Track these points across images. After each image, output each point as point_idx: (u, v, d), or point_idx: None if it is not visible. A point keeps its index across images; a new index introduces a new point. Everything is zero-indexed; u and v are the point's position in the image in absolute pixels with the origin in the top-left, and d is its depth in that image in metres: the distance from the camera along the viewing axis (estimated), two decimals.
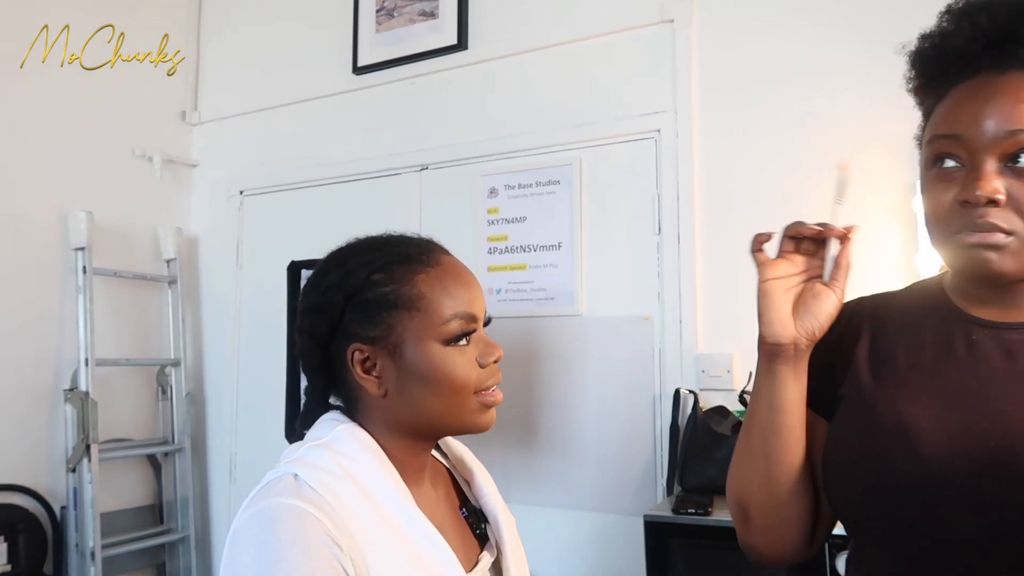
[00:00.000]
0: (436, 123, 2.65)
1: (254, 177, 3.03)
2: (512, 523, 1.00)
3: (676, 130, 2.23)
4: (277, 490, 0.78)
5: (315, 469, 0.81)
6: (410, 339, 0.85)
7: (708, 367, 2.14)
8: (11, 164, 2.57)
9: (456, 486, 1.02)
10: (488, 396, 0.89)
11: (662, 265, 2.23)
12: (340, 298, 0.86)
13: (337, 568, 0.74)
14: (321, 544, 0.74)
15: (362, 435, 0.87)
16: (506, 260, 2.47)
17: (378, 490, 0.82)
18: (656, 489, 2.18)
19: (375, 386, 0.86)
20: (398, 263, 0.87)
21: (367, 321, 0.85)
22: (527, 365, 2.39)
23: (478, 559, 0.93)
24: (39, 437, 2.60)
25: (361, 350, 0.86)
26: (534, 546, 2.33)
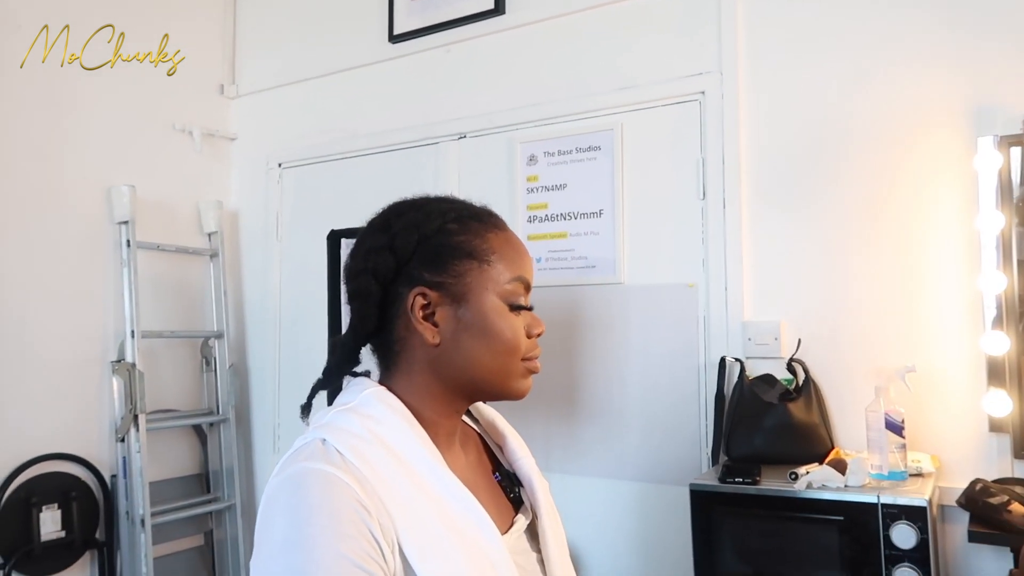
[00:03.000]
0: (474, 91, 2.61)
1: (292, 149, 3.03)
2: (546, 487, 0.99)
3: (721, 92, 2.17)
4: (305, 455, 0.77)
5: (343, 433, 0.80)
6: (475, 290, 0.85)
7: (755, 335, 2.09)
8: (55, 141, 2.60)
9: (489, 451, 1.01)
10: (532, 364, 0.90)
11: (706, 231, 2.18)
12: (413, 239, 0.85)
13: (365, 532, 0.73)
14: (349, 508, 0.73)
15: (390, 399, 0.85)
16: (546, 228, 2.43)
17: (408, 453, 0.81)
18: (701, 458, 2.14)
19: (431, 334, 0.85)
20: (472, 218, 0.88)
21: (436, 266, 0.85)
22: (569, 335, 2.36)
23: (513, 521, 0.91)
24: (89, 407, 2.65)
25: (424, 295, 0.85)
26: (577, 516, 2.33)
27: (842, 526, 1.63)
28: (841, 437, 1.97)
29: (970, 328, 1.84)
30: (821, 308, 2.02)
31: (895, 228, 1.94)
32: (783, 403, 1.94)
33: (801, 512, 1.67)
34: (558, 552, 0.93)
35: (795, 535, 1.69)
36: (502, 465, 1.00)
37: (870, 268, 1.97)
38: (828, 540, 1.65)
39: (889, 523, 1.57)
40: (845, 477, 1.66)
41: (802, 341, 2.02)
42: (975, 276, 1.82)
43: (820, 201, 2.04)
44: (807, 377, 1.98)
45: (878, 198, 1.96)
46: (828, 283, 2.02)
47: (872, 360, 1.94)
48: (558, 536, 0.96)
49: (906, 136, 1.94)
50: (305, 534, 0.71)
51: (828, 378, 2.00)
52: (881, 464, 1.69)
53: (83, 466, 2.59)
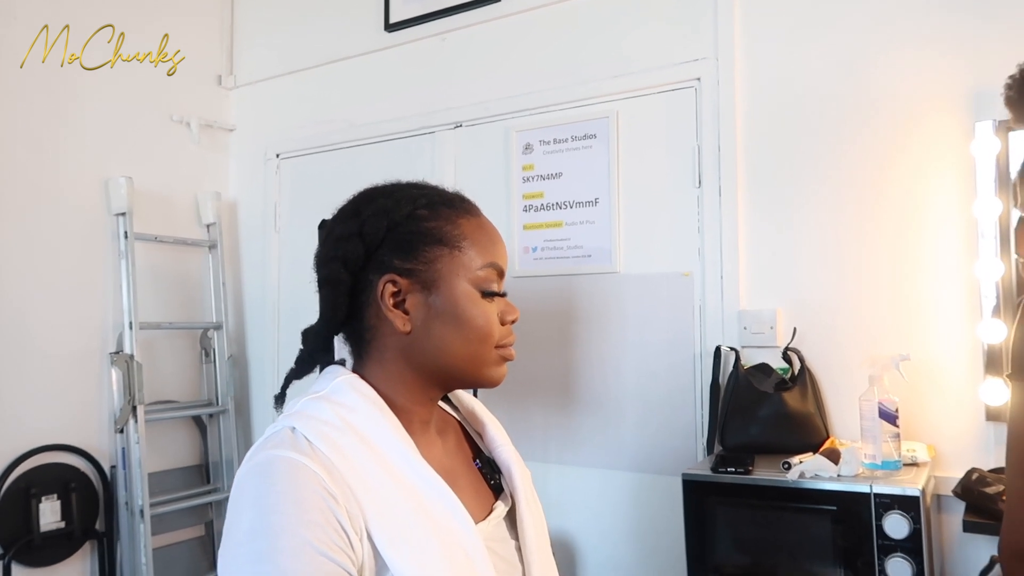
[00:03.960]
0: (469, 79, 2.60)
1: (290, 140, 3.03)
2: (527, 475, 0.99)
3: (717, 78, 2.14)
4: (273, 443, 0.77)
5: (313, 421, 0.80)
6: (446, 276, 0.84)
7: (751, 324, 2.07)
8: (52, 132, 2.60)
9: (469, 438, 1.00)
10: (507, 351, 0.89)
11: (702, 219, 2.16)
12: (383, 225, 0.85)
13: (331, 520, 0.72)
14: (315, 495, 0.72)
15: (362, 386, 0.85)
16: (542, 218, 2.42)
17: (380, 441, 0.81)
18: (696, 448, 2.13)
19: (401, 322, 0.84)
20: (443, 204, 0.87)
21: (406, 253, 0.84)
22: (564, 324, 2.35)
23: (492, 509, 0.91)
24: (88, 399, 2.66)
25: (395, 282, 0.84)
26: (572, 506, 2.32)
27: (835, 516, 1.61)
28: (837, 426, 1.95)
29: (967, 316, 1.81)
30: (817, 296, 2.00)
31: (892, 215, 1.92)
32: (778, 392, 1.93)
33: (794, 502, 1.66)
34: (537, 540, 0.93)
35: (788, 525, 1.68)
36: (483, 453, 1.00)
37: (867, 256, 1.94)
38: (821, 530, 1.64)
39: (882, 513, 1.56)
40: (838, 467, 1.65)
41: (798, 330, 2.00)
42: (973, 263, 1.79)
43: (816, 188, 2.01)
44: (803, 366, 1.97)
45: (875, 185, 1.94)
46: (824, 271, 2.00)
47: (869, 349, 1.91)
48: (537, 524, 0.95)
49: (903, 122, 1.91)
50: (270, 522, 0.71)
51: (824, 367, 1.98)
52: (875, 453, 1.67)
53: (83, 457, 2.61)
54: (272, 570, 0.69)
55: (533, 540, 0.92)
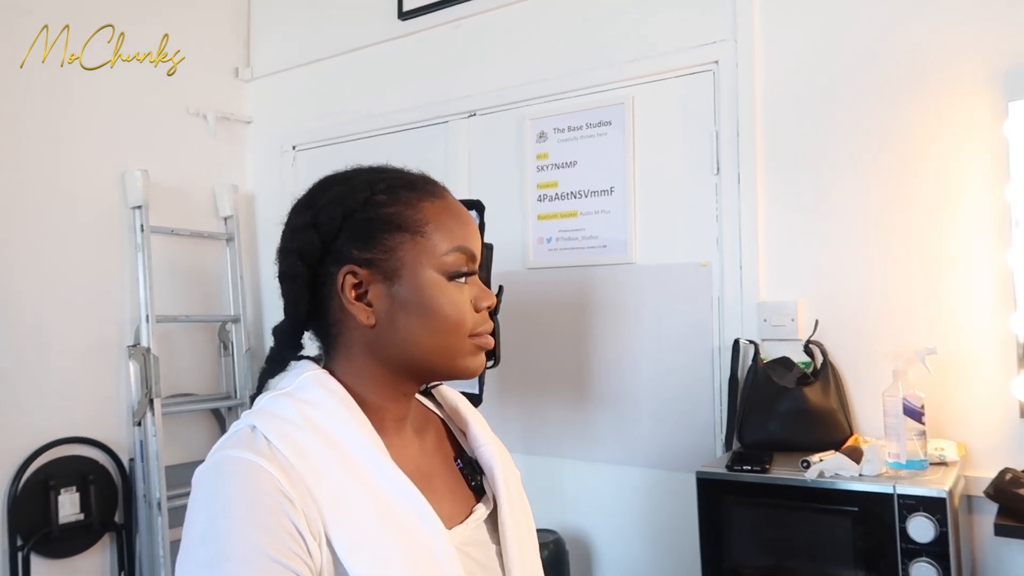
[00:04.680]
0: (483, 67, 2.54)
1: (306, 132, 3.00)
2: (514, 475, 0.93)
3: (736, 61, 2.06)
4: (231, 442, 0.73)
5: (274, 419, 0.75)
6: (409, 265, 0.79)
7: (771, 316, 1.99)
8: (69, 126, 2.60)
9: (453, 437, 0.95)
10: (482, 339, 0.83)
11: (721, 208, 2.09)
12: (338, 214, 0.79)
13: (287, 524, 0.68)
14: (270, 498, 0.68)
15: (330, 382, 0.80)
16: (556, 207, 2.36)
17: (345, 440, 0.76)
18: (715, 445, 2.06)
19: (365, 315, 0.79)
20: (404, 187, 0.81)
21: (365, 242, 0.79)
22: (579, 317, 2.29)
23: (472, 511, 0.86)
24: (107, 392, 2.67)
25: (355, 273, 0.79)
26: (588, 503, 2.27)
27: (856, 517, 1.54)
28: (862, 423, 1.87)
29: (999, 307, 1.72)
30: (841, 287, 1.92)
31: (920, 201, 1.82)
32: (799, 387, 1.85)
33: (813, 502, 1.59)
34: (519, 543, 0.87)
35: (807, 526, 1.61)
36: (466, 452, 0.95)
37: (893, 244, 1.85)
38: (841, 532, 1.56)
39: (906, 515, 1.48)
40: (860, 466, 1.57)
41: (820, 322, 1.92)
42: (1006, 251, 1.70)
43: (839, 174, 1.92)
44: (825, 360, 1.89)
45: (902, 169, 1.85)
46: (848, 261, 1.91)
47: (894, 342, 1.83)
48: (521, 527, 0.90)
49: (933, 103, 1.81)
50: (220, 526, 0.67)
51: (848, 361, 1.90)
52: (899, 452, 1.59)
53: (101, 450, 2.62)
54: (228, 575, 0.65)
55: (515, 544, 0.87)
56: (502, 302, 2.26)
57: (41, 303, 2.51)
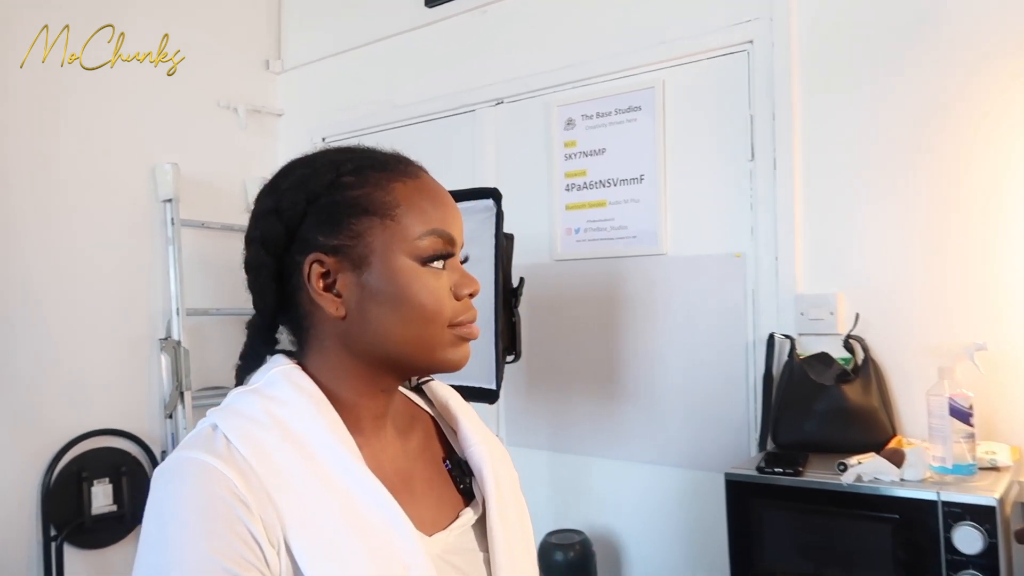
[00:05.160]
0: (511, 54, 2.47)
1: (335, 123, 2.98)
2: (509, 477, 0.87)
3: (771, 40, 1.95)
4: (190, 442, 0.69)
5: (238, 417, 0.70)
6: (379, 251, 0.73)
7: (809, 309, 1.89)
8: (100, 120, 2.62)
9: (444, 436, 0.89)
10: (464, 329, 0.76)
11: (755, 195, 1.98)
12: (301, 199, 0.74)
13: (240, 530, 0.63)
14: (223, 503, 0.64)
15: (300, 378, 0.74)
16: (584, 197, 2.28)
17: (312, 440, 0.70)
18: (749, 444, 1.97)
19: (334, 306, 0.74)
20: (372, 168, 0.75)
21: (331, 227, 0.73)
22: (608, 310, 2.22)
23: (458, 516, 0.80)
24: (139, 384, 2.69)
25: (321, 262, 0.73)
26: (616, 502, 2.19)
27: (896, 525, 1.43)
28: (905, 424, 1.75)
29: None
30: (884, 279, 1.80)
31: (969, 188, 1.70)
32: (838, 385, 1.75)
33: (849, 508, 1.49)
34: (509, 551, 0.81)
35: (843, 533, 1.51)
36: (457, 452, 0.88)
37: (941, 233, 1.73)
38: (880, 540, 1.46)
39: (951, 524, 1.37)
40: (901, 470, 1.47)
41: (861, 316, 1.81)
42: None
43: (884, 159, 1.81)
44: (867, 356, 1.78)
45: (953, 152, 1.72)
46: (892, 251, 1.79)
47: (941, 337, 1.71)
48: (512, 534, 0.83)
49: (986, 80, 1.68)
50: (167, 533, 0.63)
51: (891, 357, 1.78)
52: (944, 456, 1.48)
53: (133, 442, 2.64)
54: None
55: (504, 551, 0.80)
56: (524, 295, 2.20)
57: (74, 296, 2.53)
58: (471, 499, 0.83)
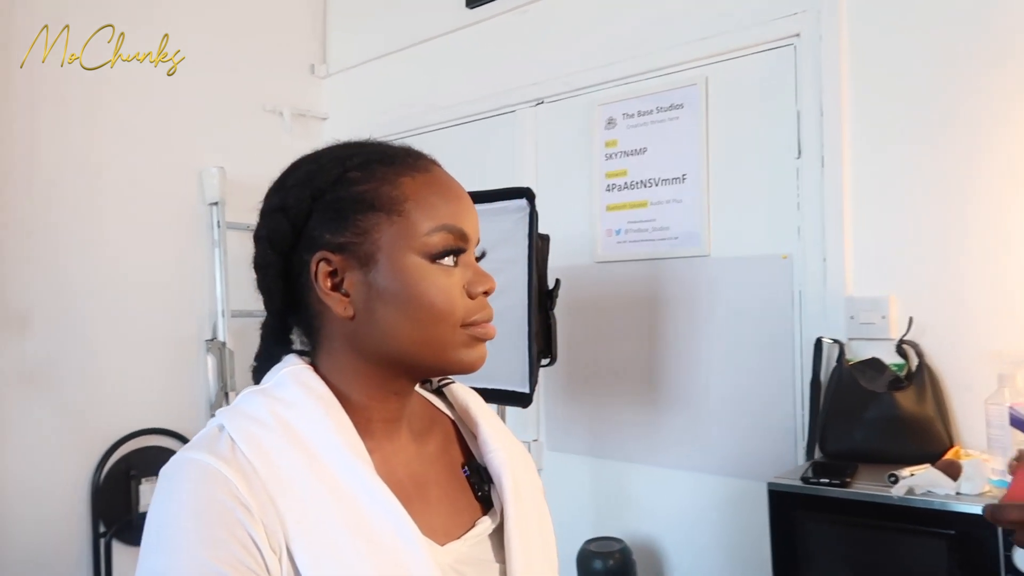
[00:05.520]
0: (551, 53, 2.44)
1: (378, 125, 2.97)
2: (530, 485, 0.83)
3: (819, 33, 1.88)
4: (195, 442, 0.68)
5: (244, 418, 0.69)
6: (386, 248, 0.70)
7: (859, 312, 1.81)
8: (148, 124, 2.67)
9: (463, 441, 0.86)
10: (479, 329, 0.73)
11: (802, 194, 1.91)
12: (307, 195, 0.71)
13: (241, 535, 0.62)
14: (223, 507, 0.62)
15: (310, 378, 0.72)
16: (625, 197, 2.23)
17: (318, 443, 0.68)
18: (796, 453, 1.89)
19: (341, 305, 0.71)
20: (379, 162, 0.72)
21: (337, 224, 0.70)
22: (650, 313, 2.16)
23: (474, 524, 0.77)
24: (185, 384, 2.74)
25: (328, 260, 0.71)
26: (657, 510, 2.14)
27: (952, 542, 1.36)
28: (963, 434, 1.66)
29: None
30: (939, 281, 1.71)
31: None
32: (890, 392, 1.66)
33: (901, 522, 1.41)
34: (527, 563, 0.77)
35: (894, 549, 1.44)
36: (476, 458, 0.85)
37: (1000, 231, 1.64)
38: (934, 557, 1.38)
39: (1011, 542, 1.29)
40: (957, 483, 1.39)
41: (915, 320, 1.72)
42: None
43: (939, 154, 1.72)
44: (921, 362, 1.69)
45: (1008, 147, 1.63)
46: (948, 251, 1.70)
47: (1003, 342, 1.61)
48: (531, 545, 0.79)
49: None
50: (165, 536, 0.62)
51: (947, 364, 1.69)
52: (1004, 469, 1.39)
53: (180, 441, 2.68)
54: None
55: (521, 563, 0.76)
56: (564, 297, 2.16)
57: (123, 298, 2.58)
58: (490, 507, 0.80)
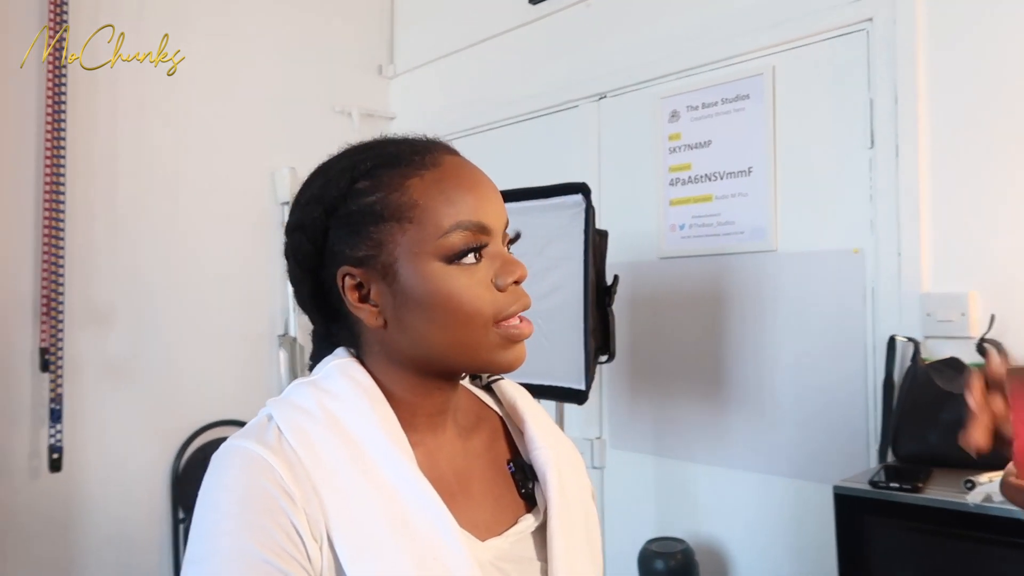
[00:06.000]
0: (614, 46, 2.41)
1: (444, 124, 3.00)
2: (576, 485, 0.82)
3: (894, 16, 1.80)
4: (245, 430, 0.69)
5: (291, 409, 0.70)
6: (404, 257, 0.69)
7: (936, 309, 1.72)
8: (224, 127, 2.78)
9: (511, 438, 0.85)
10: (511, 328, 0.71)
11: (876, 186, 1.83)
12: (320, 212, 0.71)
13: (283, 522, 0.63)
14: (267, 494, 0.63)
15: (356, 371, 0.73)
16: (689, 192, 2.19)
17: (362, 435, 0.69)
18: (868, 455, 1.82)
19: (372, 316, 0.71)
20: (385, 166, 0.71)
21: (353, 239, 0.70)
22: (715, 309, 2.11)
23: (517, 521, 0.76)
24: (259, 377, 2.83)
25: (352, 274, 0.71)
26: (722, 512, 2.09)
27: None
28: None
29: None
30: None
31: None
32: None
33: (978, 531, 1.33)
34: (569, 563, 0.76)
35: (969, 559, 1.36)
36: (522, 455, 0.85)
37: None
38: (1015, 570, 1.30)
39: None
40: None
41: (997, 317, 1.62)
42: None
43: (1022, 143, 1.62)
44: None
45: None
46: None
47: None
48: (574, 544, 0.78)
49: None
50: (210, 520, 0.64)
51: None
52: None
53: None
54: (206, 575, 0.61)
55: (563, 562, 0.75)
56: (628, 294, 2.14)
57: (201, 295, 2.69)
58: (534, 505, 0.80)
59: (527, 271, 0.72)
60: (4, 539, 2.26)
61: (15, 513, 2.28)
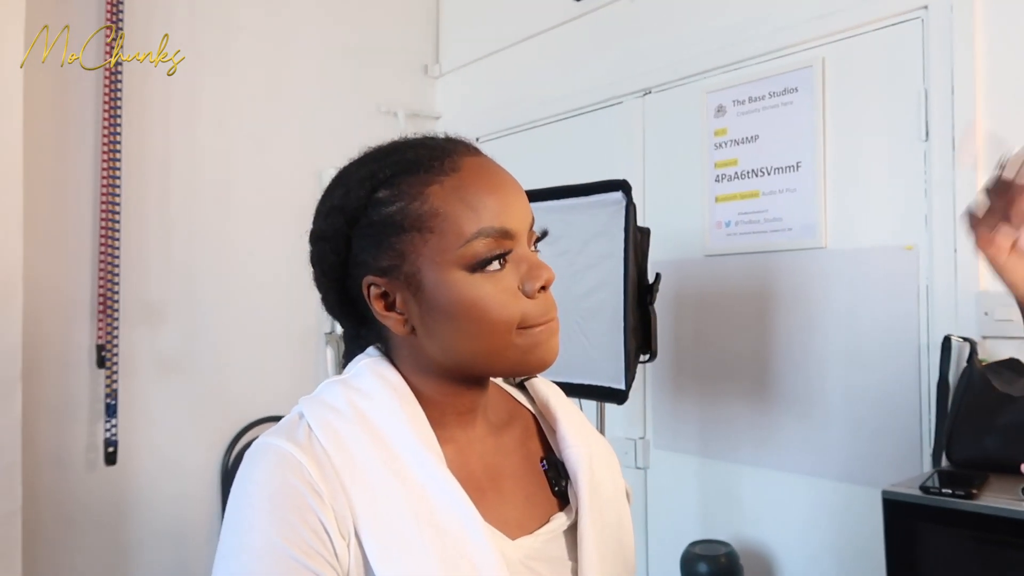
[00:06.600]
0: (658, 41, 2.38)
1: (489, 123, 3.01)
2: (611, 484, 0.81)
3: (950, 4, 1.73)
4: (277, 428, 0.70)
5: (322, 407, 0.71)
6: (426, 266, 0.69)
7: (994, 308, 1.65)
8: (272, 128, 2.82)
9: (544, 436, 0.84)
10: (539, 332, 0.70)
11: (930, 180, 1.77)
12: (342, 223, 0.72)
13: (312, 519, 0.64)
14: (296, 491, 0.64)
15: (387, 371, 0.73)
16: (736, 188, 2.14)
17: (391, 433, 0.69)
18: (921, 459, 1.75)
19: (398, 324, 0.72)
20: (404, 173, 0.70)
21: (375, 249, 0.70)
22: (762, 308, 2.07)
23: (549, 520, 0.75)
24: (306, 375, 2.87)
25: (376, 284, 0.71)
26: (769, 514, 2.04)
27: None
28: None
29: None
30: None
31: None
32: None
33: None
34: (599, 564, 0.75)
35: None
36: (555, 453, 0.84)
37: None
38: None
39: None
40: None
41: None
42: None
43: None
44: None
45: None
46: None
47: None
48: (606, 544, 0.77)
49: None
50: (241, 516, 0.65)
51: None
52: None
53: None
54: (236, 569, 0.63)
55: (592, 562, 0.75)
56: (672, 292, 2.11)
57: (250, 293, 2.74)
58: (567, 504, 0.79)
59: (554, 274, 0.71)
60: (63, 529, 2.34)
61: (73, 504, 2.36)
